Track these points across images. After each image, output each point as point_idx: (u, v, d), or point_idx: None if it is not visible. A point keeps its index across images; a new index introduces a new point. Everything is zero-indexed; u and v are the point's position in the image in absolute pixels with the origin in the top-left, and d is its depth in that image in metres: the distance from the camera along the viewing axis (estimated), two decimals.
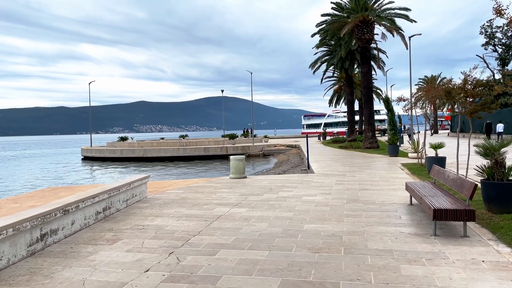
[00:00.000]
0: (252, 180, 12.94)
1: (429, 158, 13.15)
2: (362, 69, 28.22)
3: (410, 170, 14.68)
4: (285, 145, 42.92)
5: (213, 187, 11.45)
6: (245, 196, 9.71)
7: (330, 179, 12.71)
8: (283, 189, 10.89)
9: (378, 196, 9.40)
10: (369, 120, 27.94)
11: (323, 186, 11.31)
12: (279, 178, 13.46)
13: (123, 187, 8.20)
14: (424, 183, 8.26)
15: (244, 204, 8.75)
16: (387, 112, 23.27)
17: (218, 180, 13.09)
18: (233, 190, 10.81)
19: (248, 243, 5.76)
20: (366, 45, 27.50)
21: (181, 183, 12.70)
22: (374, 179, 12.62)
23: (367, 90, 28.10)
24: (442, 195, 6.85)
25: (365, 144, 27.74)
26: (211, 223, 6.98)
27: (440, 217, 5.80)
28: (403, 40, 26.96)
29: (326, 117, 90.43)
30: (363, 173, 14.30)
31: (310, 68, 38.32)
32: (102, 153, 40.54)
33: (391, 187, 10.87)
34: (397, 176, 13.23)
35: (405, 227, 6.48)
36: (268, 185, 11.71)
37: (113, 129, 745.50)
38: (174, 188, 11.29)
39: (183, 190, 10.94)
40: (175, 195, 10.09)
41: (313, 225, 6.73)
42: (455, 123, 53.16)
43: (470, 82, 9.88)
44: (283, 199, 9.24)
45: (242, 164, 13.25)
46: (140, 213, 7.97)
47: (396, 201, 8.80)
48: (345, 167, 16.47)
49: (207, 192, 10.43)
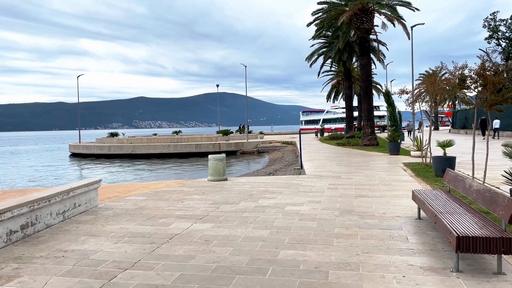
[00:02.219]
0: (233, 183, 11.23)
1: (436, 158, 11.44)
2: (361, 61, 26.45)
3: (414, 171, 12.99)
4: (281, 141, 41.21)
5: (183, 192, 9.74)
6: (216, 206, 8.01)
7: (323, 182, 11.01)
8: (266, 195, 9.19)
9: (378, 206, 7.70)
10: (368, 115, 26.22)
11: (313, 191, 9.61)
12: (264, 180, 11.75)
13: (55, 196, 6.49)
14: (437, 192, 6.56)
15: (212, 217, 7.05)
16: (388, 106, 21.56)
17: (193, 183, 11.38)
18: (205, 196, 9.10)
19: (194, 284, 4.06)
20: (365, 35, 25.71)
21: (150, 186, 10.99)
22: (373, 182, 10.92)
23: (366, 83, 26.34)
24: (463, 212, 5.15)
25: (363, 141, 26.03)
26: (157, 248, 5.28)
27: (467, 248, 4.10)
28: (405, 30, 25.18)
29: (325, 113, 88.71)
30: (361, 174, 12.61)
31: (307, 61, 36.48)
32: (89, 150, 38.78)
33: (393, 193, 9.18)
34: (399, 178, 11.54)
35: (415, 256, 4.79)
36: (249, 189, 10.01)
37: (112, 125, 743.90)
38: (137, 194, 9.59)
39: (146, 196, 9.23)
40: (133, 203, 8.38)
41: (291, 252, 5.03)
42: (457, 119, 51.42)
43: (489, 68, 8.16)
44: (261, 210, 7.54)
45: (222, 165, 11.54)
46: (75, 230, 6.27)
47: (400, 212, 7.11)
48: (341, 167, 14.77)
49: (173, 200, 8.73)
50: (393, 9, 24.69)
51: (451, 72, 13.99)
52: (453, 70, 13.74)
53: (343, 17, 24.26)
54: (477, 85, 8.37)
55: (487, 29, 51.32)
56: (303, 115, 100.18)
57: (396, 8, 24.88)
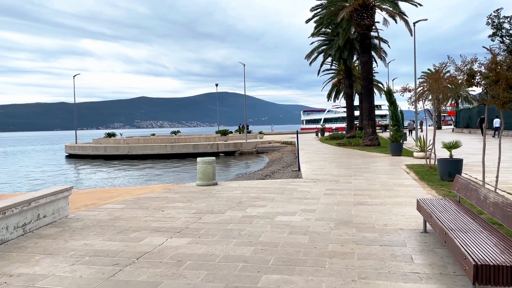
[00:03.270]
0: (222, 188, 10.44)
1: (442, 160, 10.63)
2: (361, 58, 25.62)
3: (418, 174, 12.20)
4: (281, 141, 40.45)
5: (167, 199, 8.97)
6: (199, 216, 7.23)
7: (319, 187, 10.23)
8: (256, 202, 8.41)
9: (379, 216, 6.91)
10: (369, 114, 25.41)
11: (308, 197, 8.82)
12: (257, 185, 10.96)
13: (13, 207, 5.73)
14: (445, 203, 5.77)
15: (192, 229, 6.27)
16: (389, 105, 20.75)
17: (180, 188, 10.60)
18: (189, 204, 8.32)
19: None
20: (366, 31, 24.88)
21: (134, 192, 10.22)
22: (373, 186, 10.13)
23: (367, 81, 25.51)
24: (479, 229, 4.36)
25: (364, 141, 25.21)
26: (118, 272, 4.50)
27: (487, 280, 3.32)
28: (407, 26, 24.37)
29: (326, 112, 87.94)
30: (361, 178, 11.81)
31: (306, 59, 35.66)
32: (85, 151, 38.06)
33: (395, 199, 8.39)
34: (402, 182, 10.74)
35: (422, 283, 4.01)
36: (239, 196, 9.23)
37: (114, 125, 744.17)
38: (117, 201, 8.82)
39: (126, 204, 8.45)
40: (109, 212, 7.61)
41: (275, 277, 4.25)
42: (461, 118, 50.50)
43: (501, 62, 7.36)
44: (248, 221, 6.76)
45: (211, 168, 10.76)
46: (32, 247, 5.50)
47: (403, 224, 6.32)
48: (340, 170, 13.98)
49: (154, 208, 7.95)
50: (395, 5, 23.88)
51: (459, 67, 13.21)
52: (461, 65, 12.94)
53: (343, 13, 23.45)
54: (488, 81, 7.57)
55: (491, 27, 50.34)
56: (304, 115, 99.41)
57: (397, 4, 24.07)
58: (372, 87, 26.64)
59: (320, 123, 74.14)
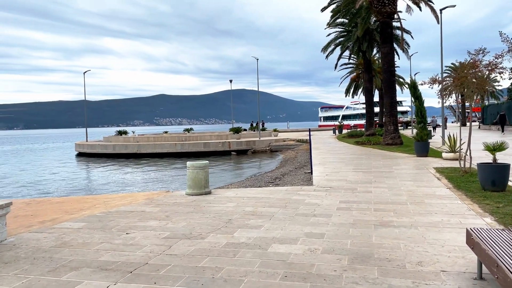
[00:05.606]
0: (215, 198, 8.73)
1: (483, 166, 8.64)
2: (382, 49, 23.48)
3: (451, 180, 10.23)
4: (296, 139, 38.54)
5: (142, 214, 7.30)
6: (171, 242, 5.54)
7: (332, 198, 8.41)
8: (250, 220, 6.67)
9: (410, 247, 5.08)
10: (390, 110, 23.30)
11: (316, 214, 7.03)
12: (257, 194, 9.19)
13: None
14: (509, 234, 3.92)
15: (150, 268, 4.58)
16: (414, 100, 18.64)
17: (166, 198, 8.92)
18: (166, 223, 6.63)
19: None
20: (387, 19, 22.74)
21: (111, 203, 8.61)
22: (399, 198, 8.26)
23: (389, 74, 23.37)
24: None
25: (385, 139, 23.12)
26: None
27: None
28: (434, 13, 22.18)
29: (344, 109, 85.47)
30: (382, 185, 9.93)
31: (322, 52, 33.58)
32: (94, 149, 36.99)
33: (428, 218, 6.52)
34: (433, 192, 8.83)
35: None
36: (231, 210, 7.50)
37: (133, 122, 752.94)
38: (80, 217, 7.21)
39: (87, 221, 6.82)
40: (58, 235, 5.99)
41: None
42: (488, 114, 47.49)
43: None
44: (232, 253, 5.03)
45: (203, 175, 9.05)
46: None
47: (445, 262, 4.49)
48: (358, 174, 12.09)
49: (118, 229, 6.30)
50: None
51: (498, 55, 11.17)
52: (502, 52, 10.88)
53: (362, 0, 21.40)
54: None
55: None
56: (322, 111, 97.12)
57: None
58: (394, 81, 24.50)
59: (338, 120, 71.75)
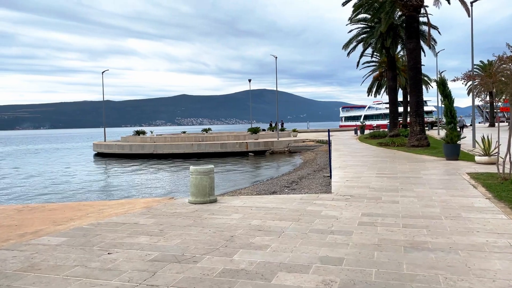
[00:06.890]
0: (220, 208, 7.78)
1: None
2: (407, 45, 22.07)
3: (489, 188, 8.99)
4: (316, 140, 37.31)
5: (134, 226, 6.42)
6: (156, 267, 4.61)
7: (353, 210, 7.35)
8: (255, 238, 5.69)
9: (451, 280, 3.99)
10: (416, 110, 21.88)
11: (334, 231, 5.99)
12: (267, 204, 8.17)
13: None
14: None
15: None
16: (443, 99, 17.21)
17: (165, 206, 8.03)
18: (157, 240, 5.72)
19: None
20: (414, 13, 21.34)
21: (106, 211, 7.78)
22: (431, 211, 7.12)
23: (415, 71, 21.95)
24: None
25: (411, 141, 21.71)
26: None
27: None
28: (464, 6, 20.65)
29: (366, 108, 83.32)
30: (411, 193, 8.78)
31: (344, 49, 32.25)
32: (111, 149, 36.73)
33: (469, 238, 5.40)
34: (471, 203, 7.64)
35: None
36: (235, 224, 6.54)
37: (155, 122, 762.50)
38: (64, 229, 6.38)
39: (69, 236, 5.98)
40: (29, 254, 5.15)
41: None
42: None
43: None
44: (228, 284, 4.06)
45: (208, 181, 8.11)
46: None
47: None
48: (382, 180, 10.93)
49: (101, 246, 5.42)
50: None
51: None
52: None
53: None
54: None
55: None
56: (343, 111, 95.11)
57: None
58: (420, 78, 23.03)
59: (360, 120, 69.86)
